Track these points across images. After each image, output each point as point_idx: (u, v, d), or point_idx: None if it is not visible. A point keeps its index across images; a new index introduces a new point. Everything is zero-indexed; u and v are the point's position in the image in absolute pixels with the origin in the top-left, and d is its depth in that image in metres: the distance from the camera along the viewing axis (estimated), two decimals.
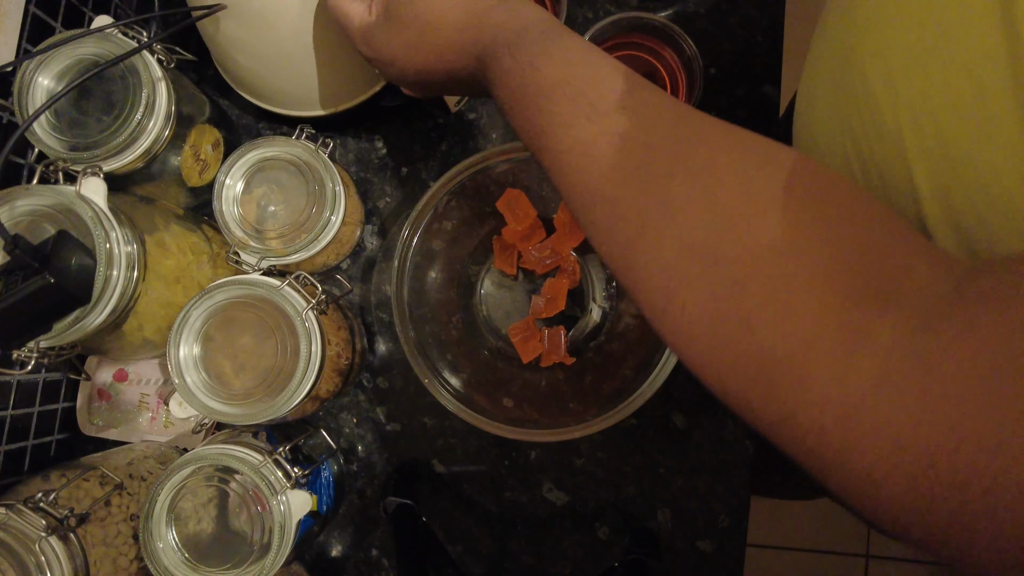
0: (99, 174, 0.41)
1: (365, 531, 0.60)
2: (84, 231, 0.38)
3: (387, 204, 0.61)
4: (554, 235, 0.58)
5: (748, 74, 0.61)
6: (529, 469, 0.59)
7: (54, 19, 0.51)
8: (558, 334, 0.57)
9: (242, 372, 0.44)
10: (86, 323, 0.39)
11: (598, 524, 0.59)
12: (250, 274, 0.47)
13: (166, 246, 0.46)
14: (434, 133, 0.62)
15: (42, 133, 0.43)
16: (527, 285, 0.60)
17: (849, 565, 1.35)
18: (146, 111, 0.44)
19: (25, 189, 0.39)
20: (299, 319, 0.43)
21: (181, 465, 0.42)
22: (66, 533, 0.40)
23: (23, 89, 0.43)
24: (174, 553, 0.42)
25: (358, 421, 0.60)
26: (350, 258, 0.61)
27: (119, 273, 0.40)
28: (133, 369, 0.59)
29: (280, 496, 0.42)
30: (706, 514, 0.59)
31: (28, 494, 0.41)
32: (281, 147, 0.49)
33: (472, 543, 0.59)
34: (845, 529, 1.35)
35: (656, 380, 0.50)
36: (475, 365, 0.57)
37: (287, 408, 0.43)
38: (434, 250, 0.56)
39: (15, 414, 0.51)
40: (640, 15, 0.54)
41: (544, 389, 0.57)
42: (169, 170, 0.50)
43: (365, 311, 0.61)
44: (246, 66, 0.52)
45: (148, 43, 0.43)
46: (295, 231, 0.49)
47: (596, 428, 0.49)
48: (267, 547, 0.42)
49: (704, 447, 0.59)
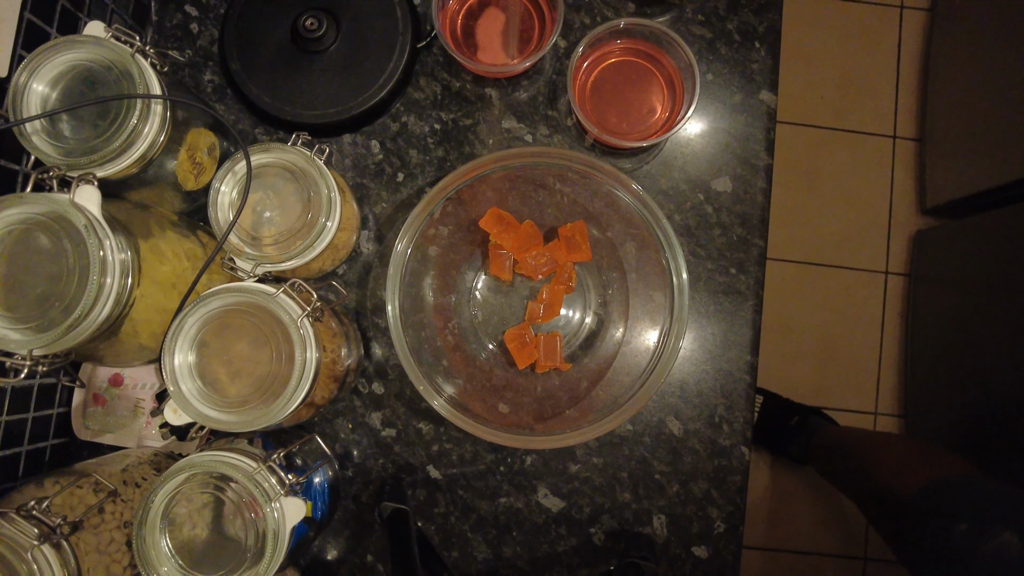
0: (93, 182, 0.41)
1: (360, 537, 0.60)
2: (78, 239, 0.38)
3: (383, 210, 0.61)
4: (553, 244, 0.57)
5: (746, 80, 0.61)
6: (524, 475, 0.59)
7: (49, 24, 0.51)
8: (554, 340, 0.57)
9: (237, 379, 0.44)
10: (80, 331, 0.39)
11: (594, 530, 0.59)
12: (245, 281, 0.47)
13: (161, 252, 0.46)
14: (430, 139, 0.62)
15: (37, 139, 0.43)
16: (522, 291, 0.60)
17: (847, 567, 1.35)
18: (141, 116, 0.43)
19: (18, 197, 0.39)
20: (294, 326, 0.43)
21: (175, 472, 0.42)
22: (59, 541, 0.39)
23: (17, 95, 0.42)
24: (168, 560, 0.42)
25: (353, 427, 0.60)
26: (346, 264, 0.61)
27: (113, 280, 0.39)
28: (129, 373, 0.59)
29: (274, 503, 0.42)
30: (702, 520, 0.59)
31: (21, 501, 0.41)
32: (277, 153, 0.49)
33: (467, 549, 0.59)
34: (842, 532, 1.36)
35: (652, 387, 0.50)
36: (470, 371, 0.57)
37: (282, 415, 0.43)
38: (430, 256, 0.56)
39: (9, 420, 0.51)
40: (637, 21, 0.54)
41: (540, 395, 0.57)
42: (164, 175, 0.50)
43: (361, 316, 0.61)
44: None
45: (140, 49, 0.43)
46: (291, 237, 0.49)
47: (592, 435, 0.49)
48: (261, 553, 0.42)
49: (699, 453, 0.59)
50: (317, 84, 0.58)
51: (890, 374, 1.39)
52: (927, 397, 1.30)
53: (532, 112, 0.61)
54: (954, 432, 1.21)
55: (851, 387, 1.39)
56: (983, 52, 1.22)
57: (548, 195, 0.57)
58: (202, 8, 0.63)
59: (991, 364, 1.12)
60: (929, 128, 1.37)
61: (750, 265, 0.60)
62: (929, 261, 1.34)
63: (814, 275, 1.41)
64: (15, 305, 0.39)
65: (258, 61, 0.59)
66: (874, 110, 1.43)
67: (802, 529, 1.36)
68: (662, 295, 0.52)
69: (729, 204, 0.60)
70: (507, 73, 0.60)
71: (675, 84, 0.58)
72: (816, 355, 1.40)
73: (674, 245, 0.51)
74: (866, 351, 1.40)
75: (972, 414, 1.15)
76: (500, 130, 0.61)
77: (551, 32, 0.55)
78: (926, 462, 0.83)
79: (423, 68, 0.62)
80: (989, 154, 1.17)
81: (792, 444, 1.27)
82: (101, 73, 0.43)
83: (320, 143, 0.51)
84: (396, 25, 0.58)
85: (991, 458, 1.10)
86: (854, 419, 1.38)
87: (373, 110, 0.59)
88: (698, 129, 0.61)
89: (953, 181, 1.28)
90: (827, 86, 1.44)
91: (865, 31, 1.44)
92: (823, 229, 1.42)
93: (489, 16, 0.60)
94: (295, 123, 0.59)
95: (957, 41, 1.31)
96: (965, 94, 1.26)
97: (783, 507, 1.36)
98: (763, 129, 0.61)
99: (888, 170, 1.42)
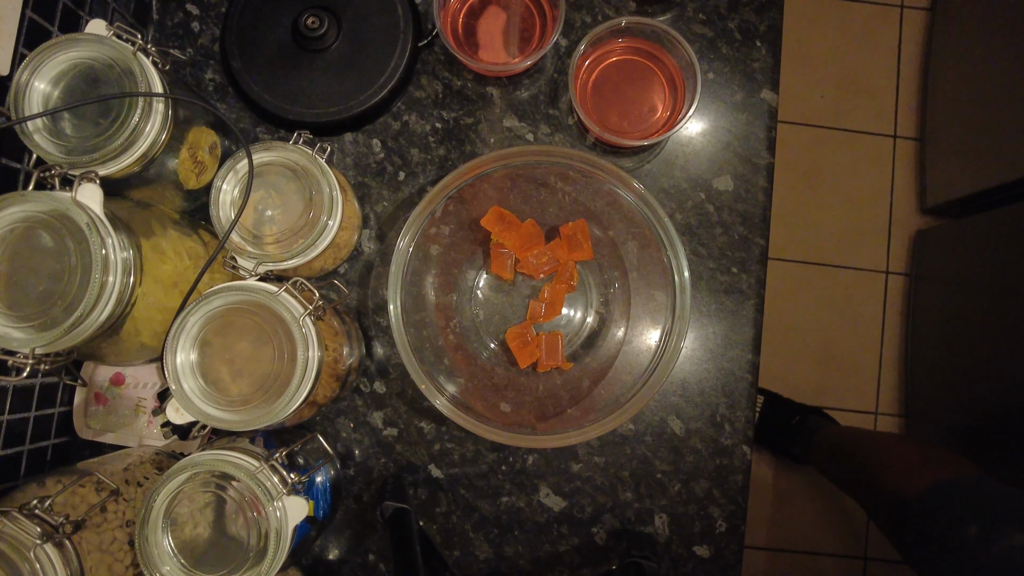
0: (95, 180, 0.41)
1: (362, 536, 0.60)
2: (80, 237, 0.38)
3: (384, 209, 0.61)
4: (555, 243, 0.57)
5: (747, 79, 0.61)
6: (526, 474, 0.59)
7: (51, 23, 0.51)
8: (556, 339, 0.57)
9: (239, 378, 0.44)
10: (82, 329, 0.39)
11: (595, 529, 0.59)
12: (247, 279, 0.47)
13: (163, 251, 0.46)
14: (432, 138, 0.62)
15: (39, 137, 0.43)
16: (524, 290, 0.60)
17: (847, 567, 1.35)
18: (143, 114, 0.43)
19: (20, 195, 0.39)
20: (296, 325, 0.43)
21: (177, 471, 0.42)
22: (61, 540, 0.39)
23: (19, 93, 0.42)
24: (170, 559, 0.42)
25: (355, 426, 0.60)
26: (348, 262, 0.61)
27: (115, 279, 0.39)
28: (130, 372, 0.59)
29: (276, 502, 0.42)
30: (703, 519, 0.59)
31: (24, 500, 0.41)
32: (278, 152, 0.49)
33: (469, 548, 0.59)
34: (843, 531, 1.36)
35: (653, 386, 0.50)
36: (472, 370, 0.57)
37: (284, 414, 0.43)
38: (431, 255, 0.56)
39: (11, 419, 0.51)
40: (639, 20, 0.54)
41: (541, 394, 0.57)
42: (166, 174, 0.50)
43: (362, 315, 0.61)
44: None
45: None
46: (292, 236, 0.49)
47: (594, 434, 0.49)
48: (263, 552, 0.42)
49: (701, 453, 0.59)
50: (318, 83, 0.58)
51: (890, 374, 1.39)
52: (927, 397, 1.30)
53: (533, 111, 0.61)
54: (954, 432, 1.21)
55: (851, 387, 1.39)
56: (983, 52, 1.22)
57: (550, 194, 0.57)
58: (203, 7, 0.63)
59: (991, 364, 1.12)
60: (929, 128, 1.37)
61: (751, 264, 0.60)
62: (929, 261, 1.34)
63: (814, 275, 1.41)
64: (17, 303, 0.39)
65: (259, 60, 0.59)
66: (874, 110, 1.43)
67: (803, 529, 1.36)
68: (663, 294, 0.52)
69: (730, 203, 0.60)
70: (508, 72, 0.60)
71: (676, 83, 0.58)
72: (816, 355, 1.40)
73: (676, 244, 0.51)
74: (866, 351, 1.40)
75: (972, 414, 1.15)
76: (501, 129, 0.61)
77: (552, 31, 0.55)
78: (931, 462, 0.83)
79: (424, 67, 0.62)
80: (989, 154, 1.17)
81: (793, 444, 1.27)
82: (103, 71, 0.43)
83: (322, 142, 0.51)
84: (397, 24, 0.58)
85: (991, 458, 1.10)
86: (854, 419, 1.38)
87: (374, 109, 0.59)
88: (699, 128, 0.61)
89: (953, 181, 1.28)
90: (827, 86, 1.44)
91: (865, 31, 1.44)
92: (823, 229, 1.42)
93: (490, 15, 0.60)
94: (296, 122, 0.59)
95: (957, 41, 1.31)
96: (965, 94, 1.26)
97: (784, 507, 1.36)
98: (764, 128, 0.61)
99: (888, 170, 1.42)
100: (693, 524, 0.59)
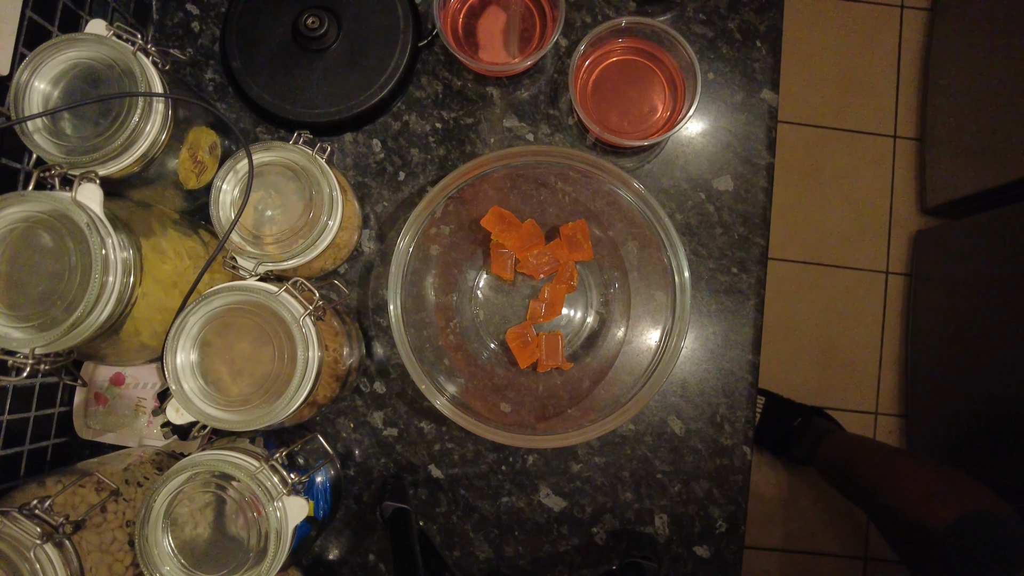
0: (95, 180, 0.41)
1: (362, 536, 0.60)
2: (80, 237, 0.38)
3: (384, 209, 0.61)
4: (555, 243, 0.57)
5: (747, 79, 0.61)
6: (526, 474, 0.59)
7: (51, 23, 0.51)
8: (555, 339, 0.57)
9: (239, 378, 0.44)
10: (82, 329, 0.39)
11: (595, 529, 0.59)
12: (247, 279, 0.47)
13: (163, 251, 0.46)
14: (432, 138, 0.62)
15: (39, 137, 0.43)
16: (524, 290, 0.60)
17: (847, 567, 1.35)
18: (143, 114, 0.43)
19: (20, 195, 0.39)
20: (296, 325, 0.43)
21: (177, 471, 0.42)
22: (61, 540, 0.39)
23: (19, 93, 0.42)
24: (170, 559, 0.42)
25: (355, 426, 0.60)
26: (348, 263, 0.61)
27: (115, 279, 0.39)
28: (130, 372, 0.59)
29: (276, 502, 0.42)
30: (704, 519, 0.59)
31: (24, 500, 0.41)
32: (278, 152, 0.49)
33: (469, 548, 0.59)
34: (843, 532, 1.36)
35: (653, 386, 0.50)
36: (472, 370, 0.57)
37: (284, 414, 0.43)
38: (431, 255, 0.56)
39: (11, 419, 0.51)
40: (639, 20, 0.54)
41: (541, 394, 0.57)
42: (166, 174, 0.50)
43: (363, 316, 0.61)
44: None
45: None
46: (292, 236, 0.49)
47: (594, 434, 0.49)
48: (263, 553, 0.42)
49: (701, 453, 0.59)
50: (318, 83, 0.58)
51: (890, 374, 1.39)
52: (927, 397, 1.30)
53: (533, 111, 0.61)
54: (954, 432, 1.21)
55: (851, 387, 1.39)
56: (983, 52, 1.22)
57: (550, 194, 0.57)
58: (203, 7, 0.63)
59: (991, 364, 1.12)
60: (929, 128, 1.37)
61: (751, 264, 0.60)
62: (929, 261, 1.34)
63: (814, 275, 1.41)
64: (17, 303, 0.39)
65: (259, 60, 0.59)
66: (874, 110, 1.43)
67: (803, 529, 1.36)
68: (664, 294, 0.52)
69: (730, 203, 0.60)
70: (508, 72, 0.60)
71: (676, 83, 0.58)
72: (816, 355, 1.40)
73: (676, 244, 0.51)
74: (866, 351, 1.40)
75: (972, 414, 1.15)
76: (501, 129, 0.61)
77: (552, 31, 0.55)
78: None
79: (424, 67, 0.62)
80: (989, 154, 1.17)
81: (795, 446, 1.27)
82: (103, 71, 0.43)
83: (321, 142, 0.51)
84: (397, 24, 0.58)
85: (991, 458, 1.10)
86: (854, 419, 1.38)
87: (374, 109, 0.59)
88: (699, 128, 0.61)
89: (953, 181, 1.28)
90: (828, 86, 1.44)
91: (865, 31, 1.44)
92: (823, 229, 1.42)
93: (490, 15, 0.60)
94: (296, 122, 0.59)
95: (957, 41, 1.31)
96: (965, 94, 1.26)
97: (784, 507, 1.36)
98: (764, 128, 0.61)
99: (888, 170, 1.42)
100: (693, 524, 0.59)
